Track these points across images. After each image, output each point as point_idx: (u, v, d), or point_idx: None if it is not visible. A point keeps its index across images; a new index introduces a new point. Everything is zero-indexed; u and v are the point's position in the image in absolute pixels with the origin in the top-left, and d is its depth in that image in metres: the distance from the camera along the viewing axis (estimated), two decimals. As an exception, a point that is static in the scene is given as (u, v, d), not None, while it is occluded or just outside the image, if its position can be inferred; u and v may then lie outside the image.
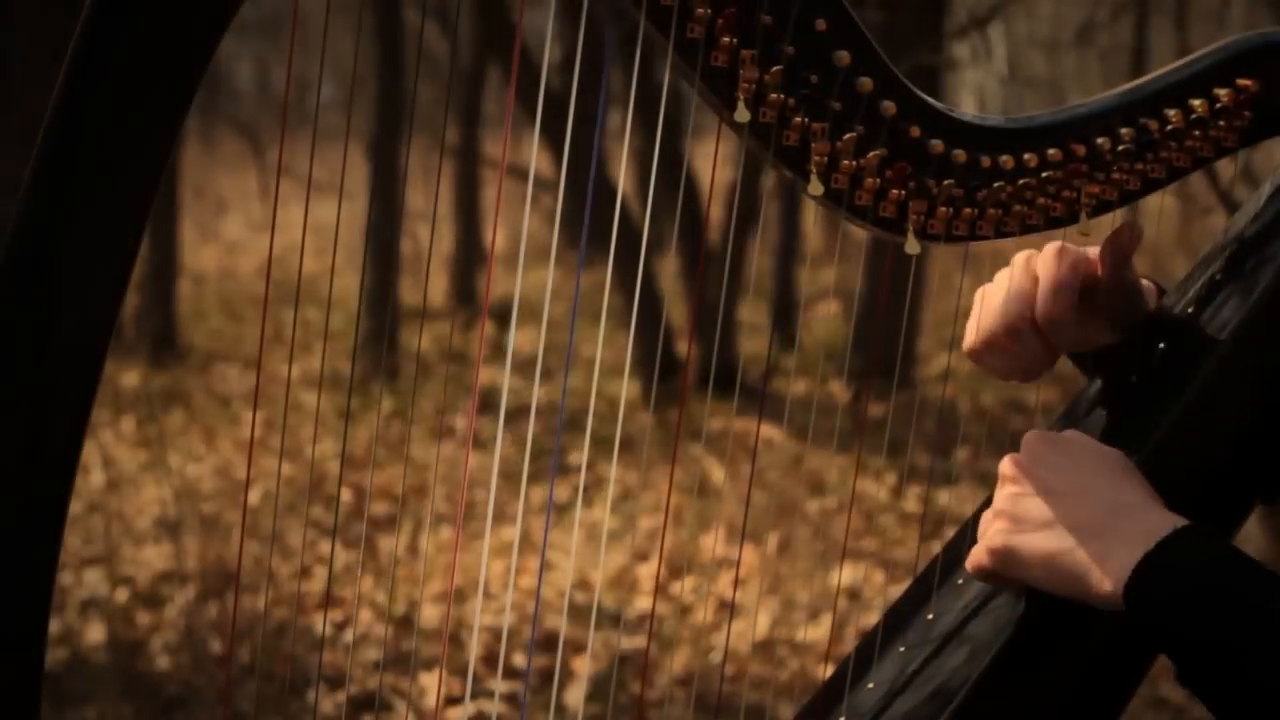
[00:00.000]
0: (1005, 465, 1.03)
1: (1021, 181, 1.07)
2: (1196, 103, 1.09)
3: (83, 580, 4.59)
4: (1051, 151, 1.07)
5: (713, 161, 1.10)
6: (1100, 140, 1.08)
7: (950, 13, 7.71)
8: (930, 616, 1.18)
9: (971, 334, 1.13)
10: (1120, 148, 1.08)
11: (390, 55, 7.46)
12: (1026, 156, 1.07)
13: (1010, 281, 1.11)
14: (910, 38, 6.13)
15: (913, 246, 1.07)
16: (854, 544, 4.63)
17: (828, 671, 1.21)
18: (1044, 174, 1.08)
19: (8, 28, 3.76)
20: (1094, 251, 1.15)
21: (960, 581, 1.18)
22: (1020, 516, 1.00)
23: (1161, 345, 1.15)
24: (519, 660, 4.03)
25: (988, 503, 1.22)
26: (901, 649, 1.17)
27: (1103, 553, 0.96)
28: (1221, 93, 1.09)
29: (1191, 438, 1.08)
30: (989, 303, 1.12)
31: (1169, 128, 1.09)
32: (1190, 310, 1.15)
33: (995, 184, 1.07)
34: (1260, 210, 1.17)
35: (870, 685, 1.16)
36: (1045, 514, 0.99)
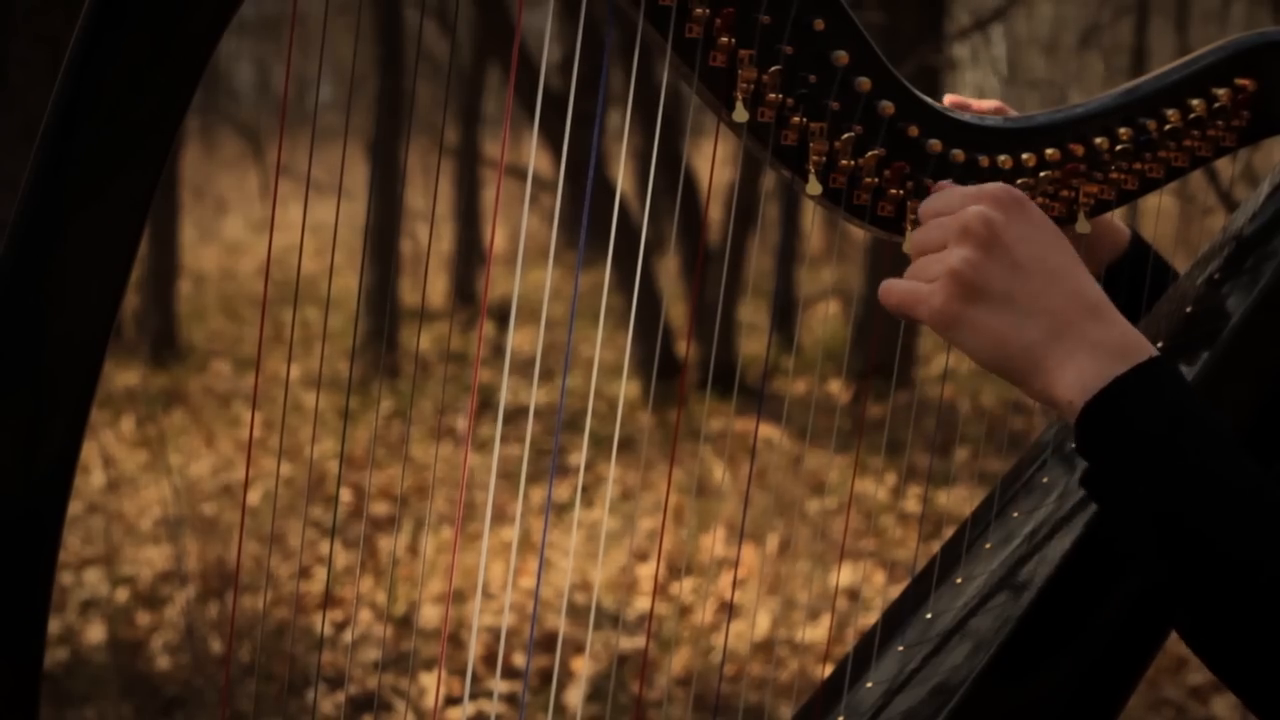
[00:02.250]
0: (973, 217, 0.92)
1: (1020, 181, 1.07)
2: (1195, 102, 1.09)
3: (83, 580, 4.59)
4: (1049, 151, 1.07)
5: (717, 162, 1.10)
6: (1098, 140, 1.08)
7: (951, 14, 7.72)
8: (929, 616, 1.17)
9: None
10: (1118, 147, 1.08)
11: (390, 55, 7.46)
12: (1024, 156, 1.06)
13: None
14: (911, 39, 6.14)
15: (910, 245, 1.06)
16: (854, 544, 4.63)
17: (827, 672, 1.21)
18: (1042, 174, 1.07)
19: (8, 28, 3.76)
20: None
21: (959, 581, 1.18)
22: (979, 283, 0.91)
23: (1161, 344, 1.15)
24: (519, 660, 4.02)
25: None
26: (900, 648, 1.17)
27: (1066, 352, 0.90)
28: (1220, 92, 1.09)
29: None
30: None
31: (1167, 127, 1.09)
32: (1189, 309, 1.15)
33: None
34: (1259, 209, 1.17)
35: (869, 684, 1.16)
36: (1008, 286, 0.91)
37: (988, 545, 1.19)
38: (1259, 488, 0.86)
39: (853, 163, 1.04)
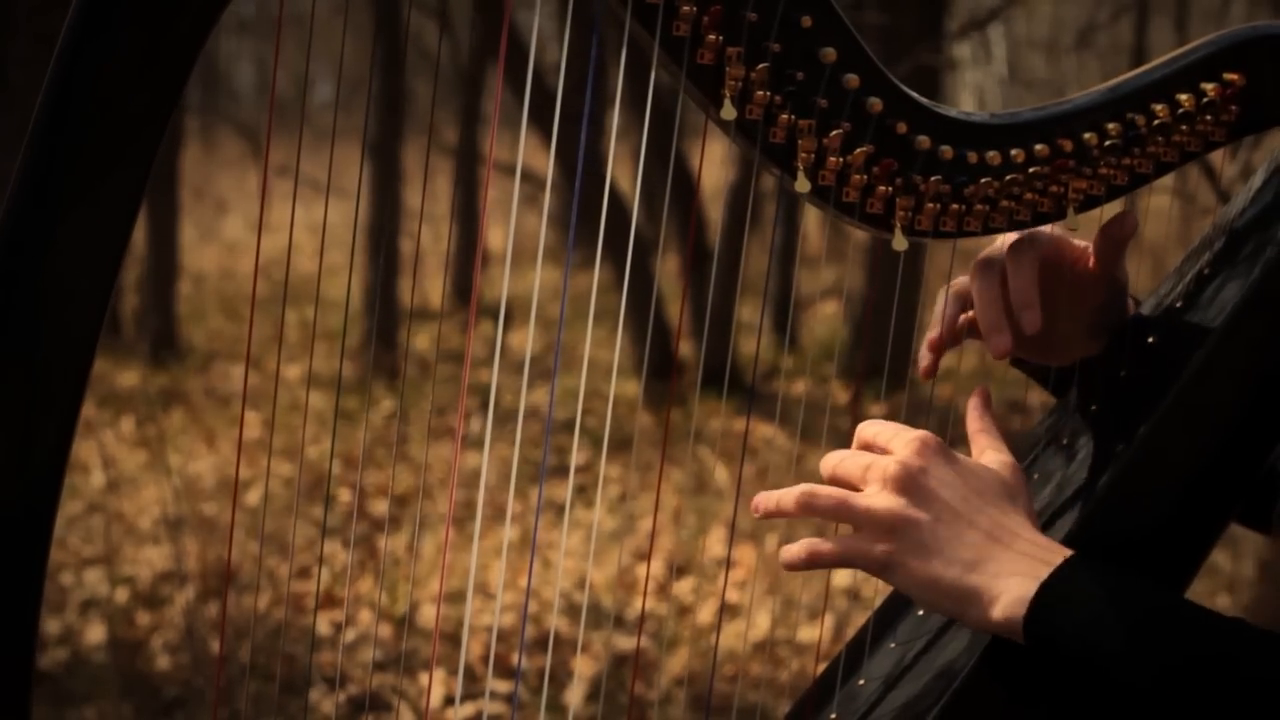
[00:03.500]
0: (895, 466, 1.02)
1: (1008, 177, 1.07)
2: (1183, 97, 1.09)
3: (83, 580, 4.59)
4: (1038, 147, 1.07)
5: (713, 162, 1.10)
6: (1087, 135, 1.08)
7: (950, 14, 7.72)
8: (921, 613, 1.18)
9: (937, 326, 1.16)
10: (1107, 143, 1.08)
11: (390, 55, 7.47)
12: (1013, 152, 1.06)
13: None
14: (911, 39, 6.14)
15: (900, 243, 1.06)
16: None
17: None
18: (1031, 169, 1.07)
19: (8, 28, 3.76)
20: (1081, 243, 1.15)
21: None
22: (905, 532, 1.00)
23: (1151, 339, 1.15)
24: (518, 660, 4.02)
25: None
26: (893, 645, 1.17)
27: (992, 580, 0.99)
28: (1208, 87, 1.09)
29: (1178, 434, 1.07)
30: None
31: (1156, 122, 1.09)
32: (1179, 304, 1.15)
33: (982, 180, 1.06)
34: (1248, 204, 1.17)
35: (861, 681, 1.16)
36: (931, 533, 1.00)
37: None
38: (1184, 632, 0.96)
39: (841, 160, 1.04)
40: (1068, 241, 1.15)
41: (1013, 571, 0.98)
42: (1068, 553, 0.99)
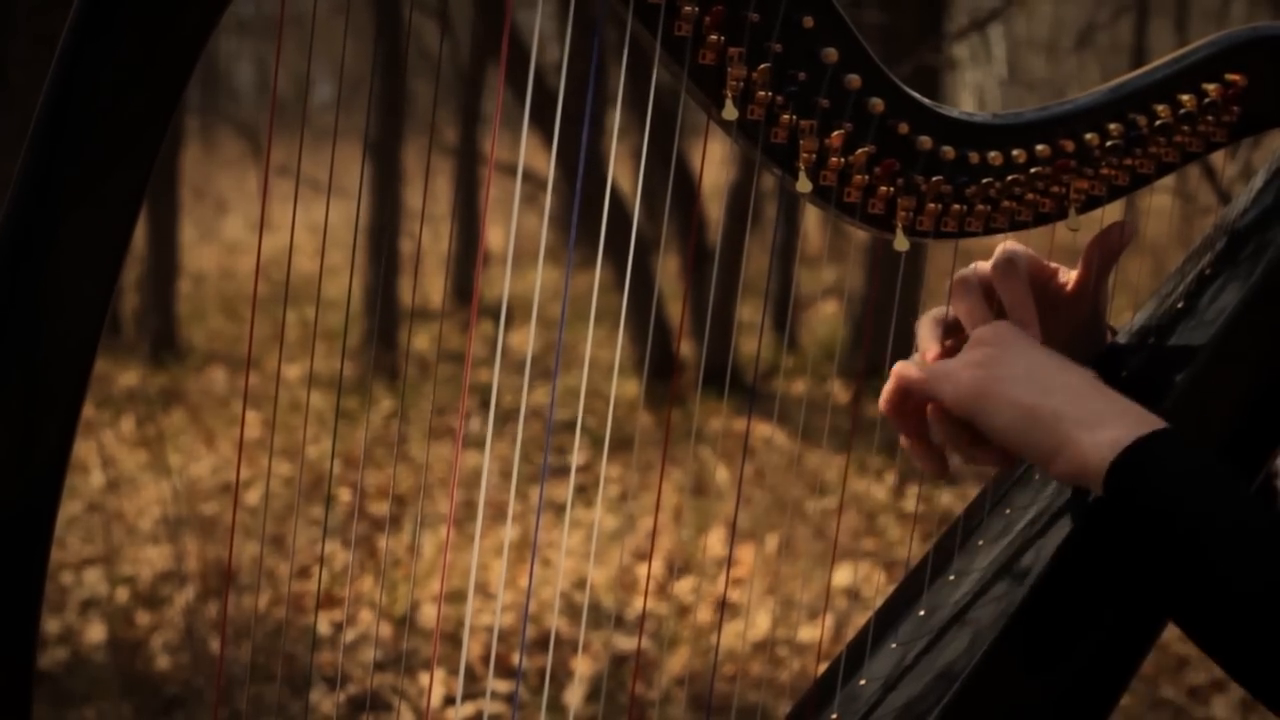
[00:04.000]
0: (983, 330, 1.03)
1: (1010, 178, 1.07)
2: (1185, 98, 1.09)
3: (83, 580, 4.59)
4: (1040, 148, 1.07)
5: (714, 162, 1.10)
6: (1089, 136, 1.08)
7: (950, 14, 7.72)
8: (923, 613, 1.17)
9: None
10: (1109, 143, 1.08)
11: (391, 55, 7.47)
12: (1015, 153, 1.06)
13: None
14: (911, 39, 6.14)
15: (901, 243, 1.06)
16: (854, 544, 4.63)
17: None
18: (1033, 170, 1.07)
19: (8, 28, 3.77)
20: (1053, 265, 1.15)
21: (952, 578, 1.18)
22: (1002, 365, 1.00)
23: (1153, 340, 1.15)
24: (518, 660, 4.02)
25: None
26: (894, 645, 1.17)
27: (1093, 422, 0.96)
28: (1210, 88, 1.09)
29: (1181, 433, 1.07)
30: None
31: (1158, 123, 1.09)
32: (1180, 304, 1.15)
33: (984, 180, 1.06)
34: (1250, 204, 1.17)
35: (862, 681, 1.16)
36: (1028, 369, 0.99)
37: (980, 542, 1.19)
38: (1270, 525, 0.92)
39: (843, 160, 1.04)
40: (1041, 260, 1.14)
41: (1116, 415, 0.96)
42: (1159, 420, 0.97)
